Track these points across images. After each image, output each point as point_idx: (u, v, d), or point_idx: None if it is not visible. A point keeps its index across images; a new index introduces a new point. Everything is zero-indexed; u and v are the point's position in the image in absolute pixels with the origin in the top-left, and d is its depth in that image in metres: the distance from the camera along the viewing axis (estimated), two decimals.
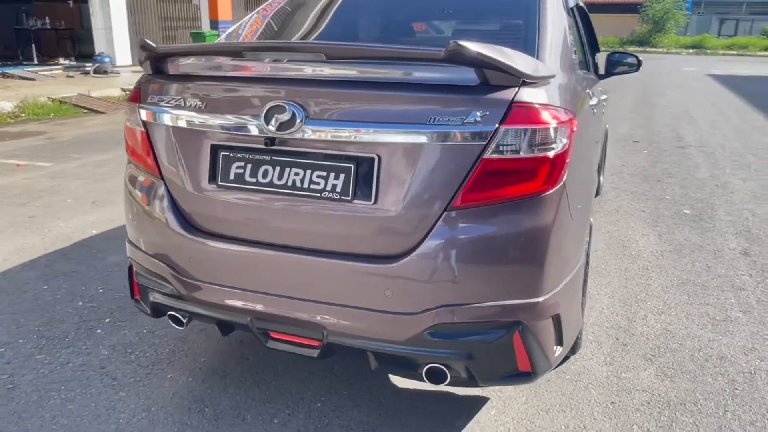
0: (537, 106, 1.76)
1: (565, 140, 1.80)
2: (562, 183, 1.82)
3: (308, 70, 1.91)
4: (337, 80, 1.87)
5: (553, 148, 1.77)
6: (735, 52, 32.84)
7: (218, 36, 13.66)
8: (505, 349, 1.84)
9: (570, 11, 2.89)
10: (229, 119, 1.94)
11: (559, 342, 1.99)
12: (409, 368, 1.94)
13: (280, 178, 1.90)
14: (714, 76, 18.99)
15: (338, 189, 1.84)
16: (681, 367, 2.62)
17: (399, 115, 1.78)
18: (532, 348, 1.86)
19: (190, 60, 2.10)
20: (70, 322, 2.94)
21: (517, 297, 1.82)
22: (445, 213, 1.77)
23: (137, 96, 2.16)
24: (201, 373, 2.55)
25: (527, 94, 1.76)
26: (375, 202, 1.81)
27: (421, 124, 1.74)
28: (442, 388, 2.18)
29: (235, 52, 2.04)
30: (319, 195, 1.86)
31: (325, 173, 1.85)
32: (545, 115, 1.76)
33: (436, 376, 1.90)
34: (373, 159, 1.79)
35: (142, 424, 2.21)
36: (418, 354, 1.87)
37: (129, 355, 2.68)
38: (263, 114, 1.85)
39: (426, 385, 2.27)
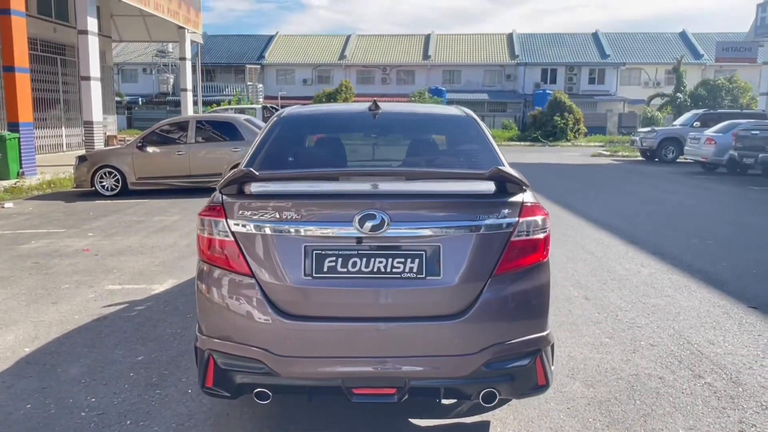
0: (534, 204, 2.72)
1: (548, 226, 2.78)
2: (548, 255, 2.79)
3: (390, 187, 2.65)
4: (411, 193, 2.64)
5: (545, 231, 2.74)
6: None
7: (19, 138, 12.82)
8: (533, 370, 2.69)
9: None
10: (323, 225, 2.56)
11: (552, 363, 2.89)
12: (469, 395, 2.67)
13: (367, 266, 2.57)
14: None
15: (415, 270, 2.57)
16: (594, 379, 3.70)
17: (453, 216, 2.60)
18: (545, 367, 2.74)
19: (277, 183, 2.68)
20: (89, 430, 3.04)
21: (536, 332, 2.70)
22: (490, 279, 2.61)
23: (220, 211, 2.65)
24: None
25: (528, 197, 2.72)
26: (441, 277, 2.57)
27: (469, 220, 2.59)
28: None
29: (332, 177, 2.69)
30: (399, 276, 2.57)
31: (403, 260, 2.57)
32: (539, 211, 2.73)
33: (489, 398, 2.65)
34: (438, 246, 2.58)
35: None
36: (478, 383, 2.62)
37: None
38: (357, 220, 2.52)
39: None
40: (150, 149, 11.72)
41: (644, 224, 9.00)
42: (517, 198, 2.69)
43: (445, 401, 3.36)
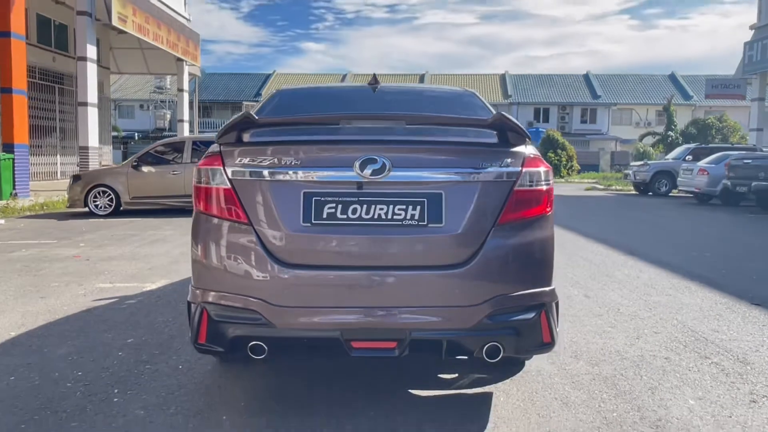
0: (536, 156, 2.68)
1: (551, 180, 2.74)
2: (552, 209, 2.74)
3: (393, 132, 2.60)
4: (414, 139, 2.59)
5: (548, 184, 2.69)
6: None
7: (13, 159, 12.79)
8: (537, 325, 2.60)
9: None
10: (322, 171, 2.51)
11: (557, 322, 2.80)
12: (473, 351, 2.57)
13: (367, 213, 2.50)
14: None
15: (416, 217, 2.50)
16: (599, 359, 3.59)
17: (456, 162, 2.56)
18: (551, 324, 2.65)
19: (276, 127, 2.64)
20: (74, 399, 2.91)
21: (541, 285, 2.63)
22: (494, 228, 2.55)
23: (218, 159, 2.60)
24: (250, 410, 2.80)
25: (530, 149, 2.69)
26: (444, 225, 2.51)
27: (473, 167, 2.54)
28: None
29: (333, 121, 2.65)
30: (401, 223, 2.50)
31: (404, 206, 2.51)
32: (542, 163, 2.69)
33: (493, 353, 2.55)
34: (441, 194, 2.52)
35: None
36: (482, 336, 2.53)
37: (168, 410, 2.80)
38: (358, 164, 2.47)
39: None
40: (145, 169, 11.69)
41: (641, 240, 8.96)
42: (520, 149, 2.65)
43: (445, 376, 3.26)
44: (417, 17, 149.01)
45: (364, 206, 2.51)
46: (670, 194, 21.84)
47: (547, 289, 2.65)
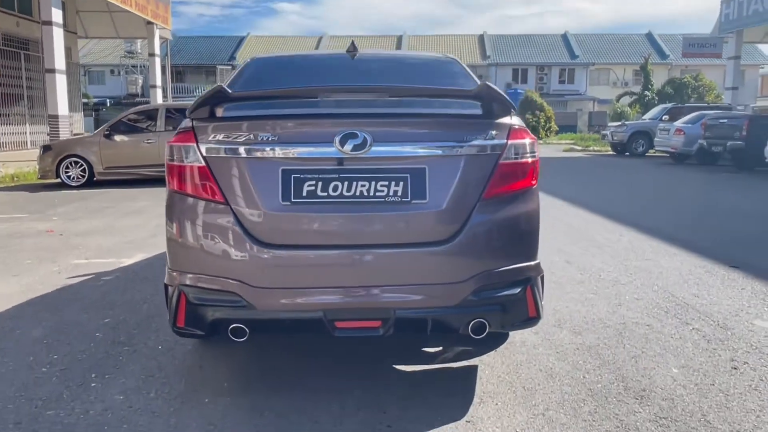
0: (521, 127, 2.61)
1: (537, 152, 2.67)
2: (537, 182, 2.67)
3: (374, 105, 2.50)
4: (396, 113, 2.49)
5: (533, 156, 2.62)
6: None
7: None
8: (523, 299, 2.56)
9: None
10: (301, 147, 2.41)
11: (542, 296, 2.77)
12: (458, 328, 2.53)
13: (348, 190, 2.42)
14: None
15: (399, 193, 2.42)
16: (581, 327, 3.60)
17: (439, 136, 2.47)
18: (536, 298, 2.61)
19: (251, 101, 2.51)
20: (50, 385, 2.83)
21: (526, 260, 2.58)
22: (478, 203, 2.48)
23: (190, 136, 2.48)
24: (232, 391, 2.76)
25: (515, 120, 2.60)
26: (427, 201, 2.43)
27: (456, 141, 2.46)
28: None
29: (310, 94, 2.53)
30: (383, 200, 2.42)
31: (387, 183, 2.42)
32: (527, 134, 2.61)
33: (479, 329, 2.51)
34: (424, 168, 2.44)
35: None
36: (467, 313, 2.49)
37: (148, 394, 2.74)
38: (338, 140, 2.37)
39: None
40: (118, 138, 11.39)
41: (620, 203, 9.00)
42: (505, 120, 2.56)
43: (429, 349, 3.24)
44: None
45: (345, 183, 2.42)
46: (647, 154, 22.01)
47: (532, 263, 2.61)
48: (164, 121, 11.50)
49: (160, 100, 23.71)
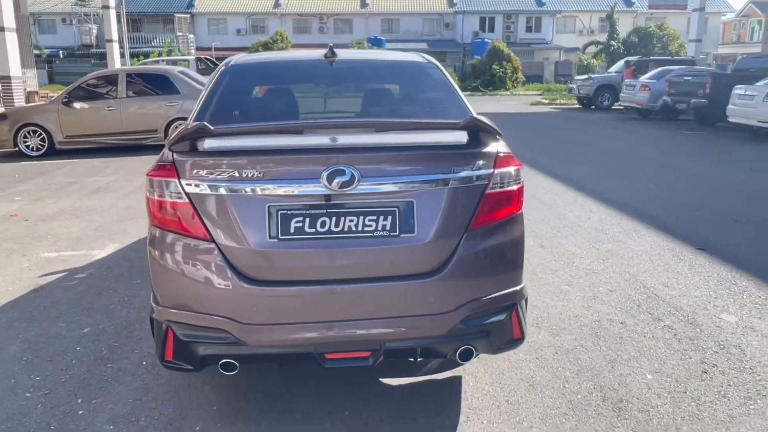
0: (507, 154, 2.61)
1: (522, 177, 2.67)
2: (522, 207, 2.70)
3: (359, 140, 2.46)
4: (382, 146, 2.46)
5: (518, 183, 2.63)
6: None
7: None
8: (508, 324, 2.62)
9: None
10: (288, 184, 2.37)
11: (526, 316, 2.84)
12: (446, 354, 2.59)
13: (336, 225, 2.40)
14: None
15: (388, 227, 2.42)
16: (559, 327, 3.71)
17: (426, 169, 2.45)
18: (521, 321, 2.68)
19: (235, 137, 2.44)
20: (36, 413, 2.82)
21: (511, 286, 2.63)
22: (465, 234, 2.49)
23: (171, 171, 2.41)
24: (223, 416, 2.78)
25: (501, 147, 2.60)
26: (416, 234, 2.44)
27: (443, 173, 2.45)
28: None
29: (296, 130, 2.47)
30: (371, 234, 2.41)
31: (375, 217, 2.41)
32: (513, 161, 2.62)
33: (466, 355, 2.57)
34: (412, 202, 2.43)
35: None
36: (455, 341, 2.54)
37: (137, 422, 2.75)
38: (325, 176, 2.34)
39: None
40: (77, 105, 10.95)
41: (589, 170, 9.14)
42: (491, 148, 2.56)
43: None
44: None
45: (333, 219, 2.40)
46: (613, 107, 22.23)
47: (518, 288, 2.66)
48: (125, 87, 11.10)
49: (116, 54, 22.79)
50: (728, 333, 3.62)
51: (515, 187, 2.61)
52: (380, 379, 3.10)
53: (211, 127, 2.34)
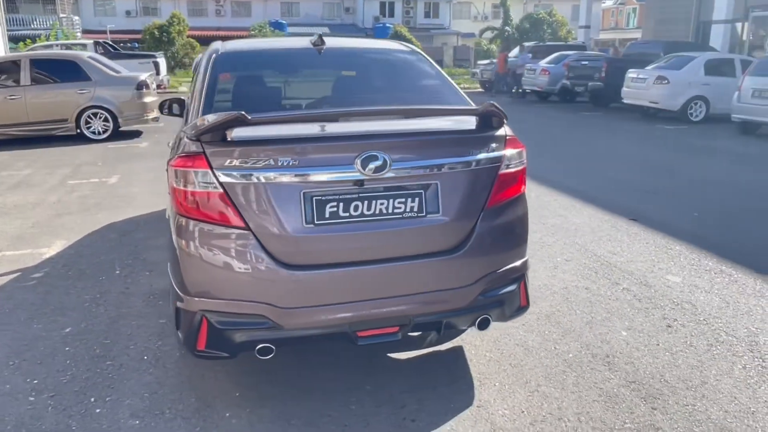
0: (513, 136, 2.83)
1: (525, 158, 2.91)
2: (525, 186, 2.94)
3: (389, 127, 2.57)
4: (411, 132, 2.59)
5: (523, 164, 2.87)
6: None
7: None
8: (518, 293, 2.87)
9: None
10: (323, 170, 2.45)
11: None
12: (467, 324, 2.80)
13: (369, 209, 2.52)
14: None
15: (415, 209, 2.57)
16: (533, 295, 4.00)
17: (449, 152, 2.62)
18: (527, 290, 2.93)
19: (270, 126, 2.47)
20: (50, 416, 2.72)
21: (520, 258, 2.87)
22: (483, 212, 2.69)
23: (203, 161, 2.41)
24: (248, 402, 2.83)
25: (508, 130, 2.82)
26: (441, 214, 2.61)
27: (464, 156, 2.63)
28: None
29: (327, 118, 2.53)
30: (401, 216, 2.55)
31: (404, 199, 2.56)
32: (518, 143, 2.84)
33: (484, 323, 2.79)
34: (437, 184, 2.59)
35: None
36: (475, 312, 2.74)
37: (162, 414, 2.73)
38: (359, 162, 2.44)
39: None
40: None
41: None
42: (501, 131, 2.77)
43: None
44: None
45: (366, 203, 2.51)
46: (513, 91, 23.29)
47: (525, 260, 2.90)
48: (29, 74, 10.31)
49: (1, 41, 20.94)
50: (677, 291, 4.09)
51: (521, 168, 2.84)
52: (388, 355, 3.25)
53: (248, 116, 2.37)
